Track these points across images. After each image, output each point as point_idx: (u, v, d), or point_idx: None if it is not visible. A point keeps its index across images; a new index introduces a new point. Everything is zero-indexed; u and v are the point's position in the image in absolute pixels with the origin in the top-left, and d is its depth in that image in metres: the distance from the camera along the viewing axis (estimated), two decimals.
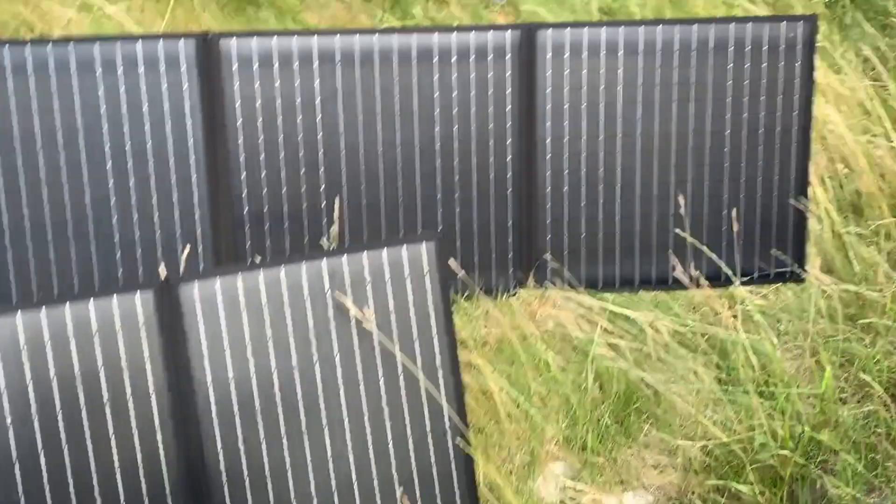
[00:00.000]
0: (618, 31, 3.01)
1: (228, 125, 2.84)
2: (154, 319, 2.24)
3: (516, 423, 2.71)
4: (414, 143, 2.97)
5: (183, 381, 2.26)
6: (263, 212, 2.90)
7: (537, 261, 3.13)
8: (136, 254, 2.85)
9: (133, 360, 2.23)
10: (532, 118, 3.04)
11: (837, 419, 2.68)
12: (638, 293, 3.16)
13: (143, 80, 2.77)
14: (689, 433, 2.73)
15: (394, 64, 2.91)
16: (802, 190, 3.22)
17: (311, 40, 2.84)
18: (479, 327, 2.98)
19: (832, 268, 3.27)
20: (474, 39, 2.94)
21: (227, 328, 2.29)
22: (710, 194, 3.16)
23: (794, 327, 3.04)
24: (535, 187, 3.08)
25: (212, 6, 4.18)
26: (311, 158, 2.91)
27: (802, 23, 3.09)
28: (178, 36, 2.78)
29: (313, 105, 2.89)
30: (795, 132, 3.16)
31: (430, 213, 3.03)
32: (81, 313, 2.18)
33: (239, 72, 2.82)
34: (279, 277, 2.33)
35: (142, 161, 2.81)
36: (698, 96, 3.09)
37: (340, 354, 2.38)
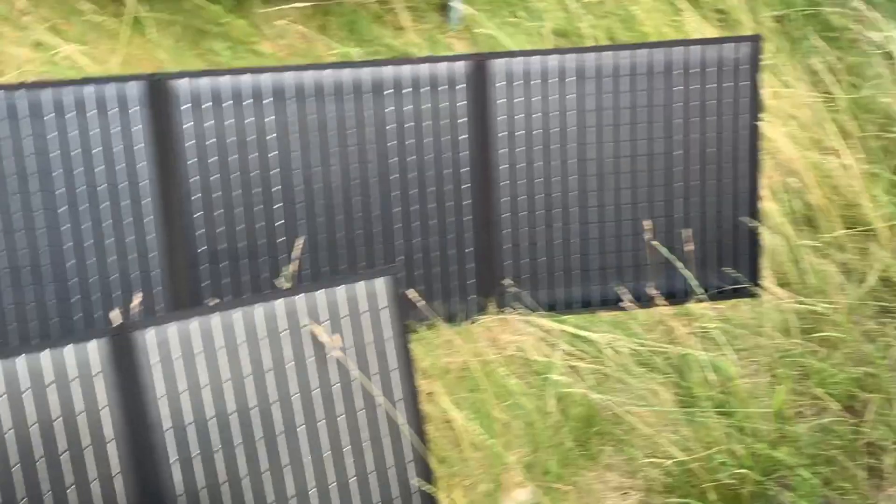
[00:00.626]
0: (567, 58, 3.05)
1: (181, 165, 2.84)
2: (109, 367, 2.24)
3: (479, 450, 2.73)
4: (370, 175, 2.99)
5: (141, 428, 2.26)
6: (220, 250, 2.91)
7: (497, 286, 3.15)
8: (93, 297, 2.84)
9: (89, 408, 2.22)
10: (487, 146, 3.07)
11: (795, 435, 2.72)
12: (597, 314, 3.19)
13: (94, 122, 2.77)
14: (650, 454, 2.76)
15: (347, 98, 2.93)
16: (754, 206, 3.27)
17: (262, 77, 2.85)
18: (440, 356, 3.00)
19: (787, 281, 3.33)
20: (427, 71, 2.97)
21: (183, 373, 2.29)
22: (664, 214, 3.20)
23: (751, 343, 3.08)
24: (492, 214, 3.11)
25: (166, 40, 4.17)
26: (267, 195, 2.92)
27: (747, 44, 3.15)
28: (127, 78, 2.78)
29: (267, 141, 2.90)
30: (745, 150, 3.22)
31: (390, 244, 3.05)
32: (35, 365, 2.18)
33: (190, 111, 2.82)
34: (234, 320, 2.33)
35: (95, 204, 2.80)
36: (648, 119, 3.14)
37: (299, 393, 2.39)
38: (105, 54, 4.10)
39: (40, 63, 3.91)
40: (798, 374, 2.98)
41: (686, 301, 3.21)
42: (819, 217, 3.51)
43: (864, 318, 3.19)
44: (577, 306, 3.19)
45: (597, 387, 2.93)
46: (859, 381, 2.91)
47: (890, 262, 3.34)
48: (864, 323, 3.16)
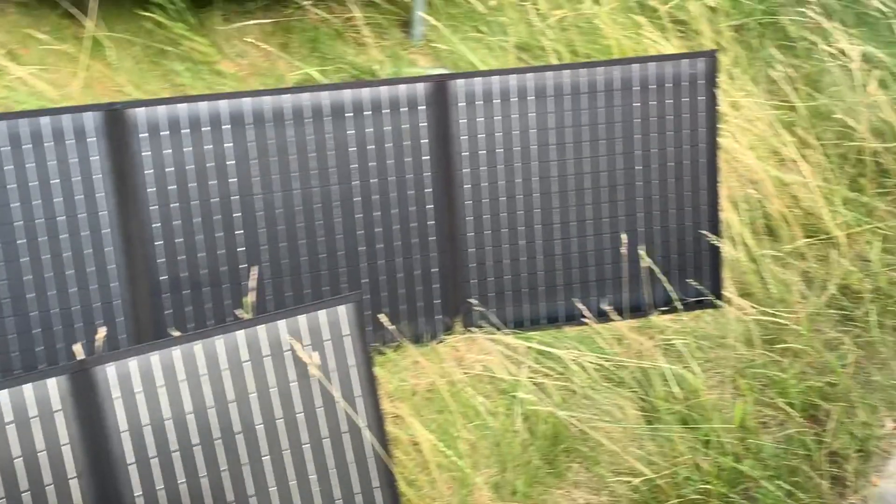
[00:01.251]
0: (526, 77, 3.07)
1: (140, 194, 2.83)
2: (70, 404, 2.22)
3: (447, 472, 2.73)
4: (332, 198, 2.99)
5: (104, 463, 2.24)
6: (182, 278, 2.89)
7: (463, 305, 3.16)
8: (55, 328, 2.82)
9: (51, 446, 2.20)
10: (449, 166, 3.08)
11: (758, 447, 2.75)
12: (563, 330, 3.21)
13: (52, 154, 2.74)
14: (616, 470, 2.78)
15: (307, 122, 2.92)
16: (715, 218, 3.31)
17: (219, 104, 2.84)
18: (407, 377, 3.00)
19: (749, 292, 3.37)
20: (387, 93, 2.97)
21: (145, 407, 2.28)
22: (626, 229, 3.23)
23: (714, 355, 3.12)
24: (456, 233, 3.12)
25: (126, 62, 4.14)
26: (228, 221, 2.90)
27: (703, 59, 3.18)
28: (84, 108, 2.76)
29: (226, 168, 2.89)
30: (704, 164, 3.26)
31: (354, 266, 3.05)
32: None
33: (148, 140, 2.81)
34: (196, 352, 2.32)
35: (55, 235, 2.77)
36: (608, 136, 3.16)
37: (263, 423, 2.38)
38: (64, 78, 4.06)
39: None
40: (761, 384, 3.01)
41: (649, 314, 3.25)
42: (779, 227, 3.56)
43: (825, 327, 3.23)
44: (542, 323, 3.21)
45: (563, 403, 2.95)
46: (821, 390, 2.96)
47: (849, 270, 3.39)
48: (824, 332, 3.21)
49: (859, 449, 2.80)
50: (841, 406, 2.90)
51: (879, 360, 3.11)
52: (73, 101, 3.91)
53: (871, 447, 2.82)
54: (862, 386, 3.01)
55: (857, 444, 2.81)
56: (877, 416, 2.93)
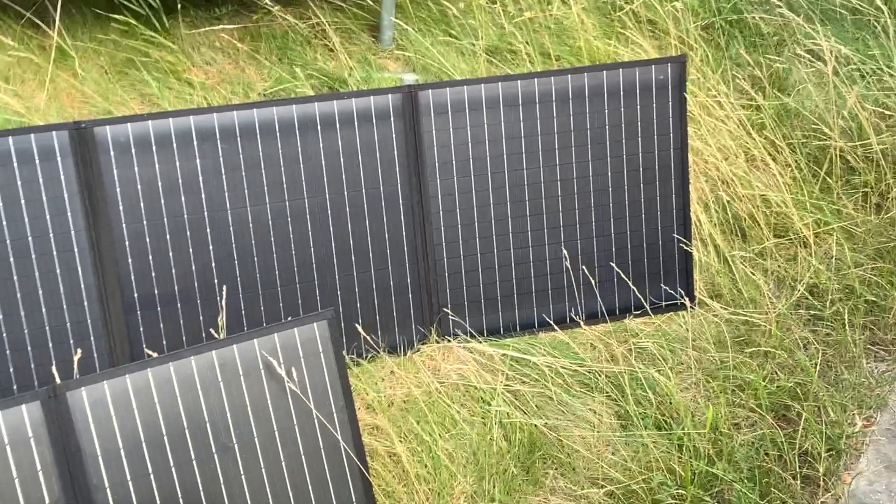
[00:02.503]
0: (497, 86, 3.07)
1: (111, 212, 2.81)
2: (43, 430, 2.21)
3: (425, 483, 2.75)
4: (305, 211, 2.99)
5: (80, 489, 2.23)
6: (154, 295, 2.88)
7: (438, 315, 3.17)
8: (27, 350, 2.79)
9: (25, 473, 2.19)
10: (421, 176, 3.08)
11: (731, 449, 2.79)
12: (537, 336, 3.23)
13: (18, 174, 2.72)
14: (592, 475, 2.81)
15: (276, 135, 2.92)
16: (685, 221, 3.34)
17: (188, 120, 2.83)
18: (384, 388, 3.01)
19: (720, 293, 3.41)
20: (356, 105, 2.97)
21: (120, 430, 2.27)
22: (597, 234, 3.26)
23: (686, 357, 3.15)
24: (430, 243, 3.13)
25: (92, 72, 4.10)
26: (199, 236, 2.89)
27: (671, 64, 3.21)
28: (50, 127, 2.73)
29: (196, 183, 2.87)
30: (673, 168, 3.28)
31: (328, 279, 3.05)
32: None
33: (116, 158, 2.78)
34: (169, 374, 2.32)
35: (24, 256, 2.75)
36: (578, 142, 3.18)
37: (238, 443, 2.38)
38: (30, 90, 4.02)
39: None
40: (733, 386, 3.05)
41: (622, 318, 3.27)
42: (749, 227, 3.60)
43: (795, 326, 3.28)
44: (517, 330, 3.23)
45: (539, 410, 2.97)
46: (791, 390, 3.00)
47: (818, 269, 3.43)
48: (794, 331, 3.25)
49: (830, 448, 2.85)
50: (811, 406, 2.94)
51: (849, 359, 3.16)
52: (39, 113, 3.87)
53: (841, 446, 2.86)
54: (832, 385, 3.05)
55: (828, 443, 2.85)
56: (847, 414, 2.98)
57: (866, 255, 3.50)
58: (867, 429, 2.94)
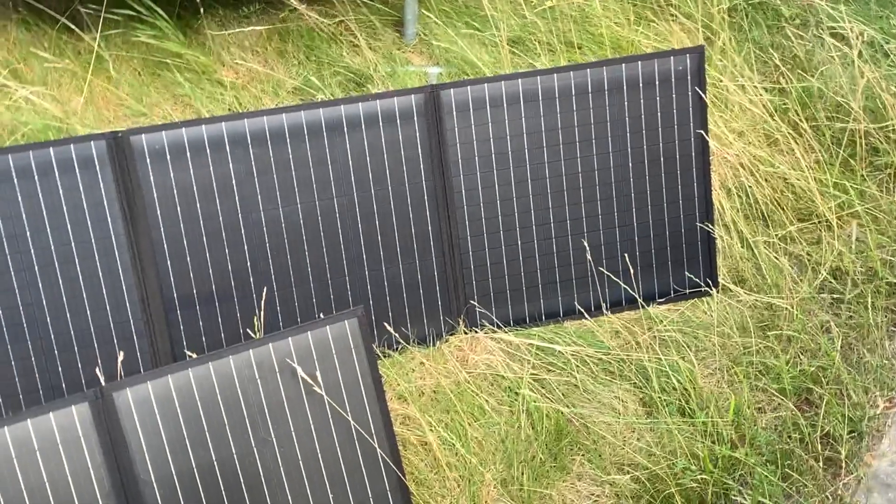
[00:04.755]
0: (517, 82, 3.14)
1: (149, 216, 2.93)
2: (92, 429, 2.34)
3: (455, 470, 2.85)
4: (334, 210, 3.09)
5: (129, 484, 2.37)
6: (193, 294, 3.00)
7: (465, 307, 3.26)
8: (74, 350, 2.94)
9: (77, 470, 2.33)
10: (445, 173, 3.17)
11: (754, 433, 2.86)
12: (562, 325, 3.31)
13: (60, 183, 2.85)
14: (618, 461, 2.89)
15: (305, 138, 3.01)
16: (707, 207, 3.39)
17: (220, 126, 2.93)
18: (414, 379, 3.12)
19: (743, 278, 3.45)
20: (381, 106, 3.05)
21: (164, 427, 2.40)
22: (620, 224, 3.32)
23: (710, 343, 3.21)
24: (455, 237, 3.21)
25: (126, 76, 4.22)
26: (234, 237, 3.01)
27: (690, 55, 3.24)
28: (88, 137, 2.86)
29: (230, 186, 2.98)
30: (694, 156, 3.33)
31: (358, 274, 3.15)
32: (21, 433, 2.28)
33: (152, 164, 2.90)
34: (209, 373, 2.44)
35: (68, 261, 2.89)
36: (599, 134, 3.24)
37: (276, 437, 2.50)
38: (67, 95, 4.16)
39: (3, 109, 3.96)
40: (756, 371, 3.11)
41: (646, 306, 3.34)
42: (772, 212, 3.63)
43: (818, 310, 3.32)
44: (542, 320, 3.31)
45: (565, 398, 3.05)
46: (814, 374, 3.05)
47: (841, 252, 3.46)
48: (817, 314, 3.29)
49: (852, 430, 2.90)
50: (833, 388, 2.99)
51: (871, 342, 3.20)
52: (77, 117, 4.00)
53: (863, 428, 2.91)
54: (854, 367, 3.10)
55: (850, 425, 2.90)
56: (869, 396, 3.02)
57: (889, 236, 3.52)
58: (889, 410, 2.99)
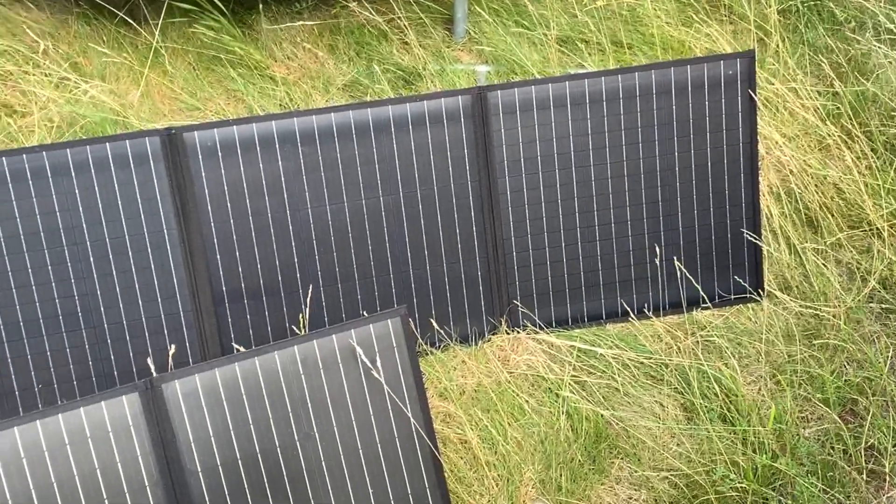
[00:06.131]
0: (564, 85, 3.14)
1: (200, 211, 3.00)
2: (142, 418, 2.42)
3: (494, 469, 2.88)
4: (380, 208, 3.13)
5: (175, 473, 2.44)
6: (241, 288, 3.07)
7: (507, 307, 3.28)
8: (127, 338, 3.02)
9: (127, 458, 2.41)
10: (491, 174, 3.19)
11: (796, 443, 2.83)
12: (604, 328, 3.31)
13: (115, 177, 2.93)
14: (657, 466, 2.89)
15: (353, 137, 3.06)
16: (755, 213, 3.36)
17: (270, 125, 2.99)
18: (455, 377, 3.15)
19: (790, 285, 3.42)
20: (428, 107, 3.08)
21: (210, 419, 2.47)
22: (666, 228, 3.30)
23: (754, 350, 3.19)
24: (499, 237, 3.23)
25: (181, 70, 4.31)
26: (282, 234, 3.07)
27: (741, 59, 3.21)
28: (143, 134, 2.93)
29: (279, 184, 3.04)
30: (743, 162, 3.30)
31: (402, 272, 3.19)
32: (74, 420, 2.36)
33: (204, 161, 2.97)
34: (254, 367, 2.50)
35: (122, 253, 2.97)
36: (646, 138, 3.23)
37: (319, 432, 2.55)
38: (125, 88, 4.26)
39: (63, 102, 4.08)
40: (800, 380, 3.08)
41: (691, 310, 3.32)
42: (821, 218, 3.58)
43: (866, 320, 3.27)
44: (585, 322, 3.32)
45: (605, 401, 3.06)
46: (859, 385, 3.01)
47: (892, 261, 3.41)
48: (865, 325, 3.25)
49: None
50: (879, 400, 2.95)
51: None
52: (133, 110, 4.10)
53: None
54: None
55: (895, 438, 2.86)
56: None
57: None
58: None
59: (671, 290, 3.33)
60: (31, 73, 4.21)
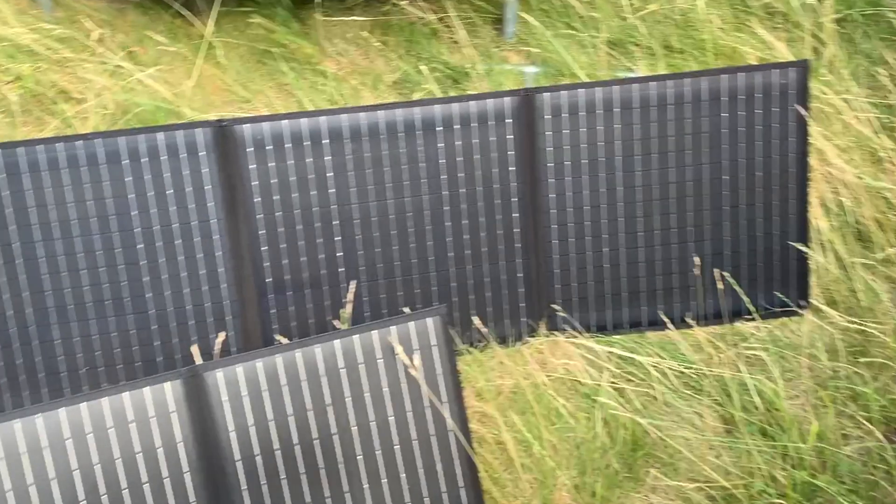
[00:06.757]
0: (612, 89, 3.12)
1: (247, 203, 3.04)
2: (184, 405, 2.46)
3: (529, 472, 2.88)
4: (423, 207, 3.14)
5: (214, 459, 2.48)
6: (285, 280, 3.10)
7: (547, 310, 3.28)
8: (170, 325, 3.08)
9: (167, 443, 2.45)
10: (535, 177, 3.18)
11: (837, 460, 2.79)
12: (645, 335, 3.29)
13: (166, 167, 2.98)
14: (693, 477, 2.87)
15: (399, 136, 3.07)
16: (803, 226, 3.31)
17: (319, 120, 3.02)
18: (493, 377, 3.15)
19: (837, 300, 3.36)
20: (475, 108, 3.09)
21: (251, 409, 2.50)
22: (711, 237, 3.27)
23: (797, 365, 3.14)
24: (541, 241, 3.23)
25: (234, 62, 4.37)
26: (327, 228, 3.09)
27: (794, 69, 3.17)
28: (195, 125, 2.98)
29: (325, 179, 3.07)
30: (793, 173, 3.25)
31: (443, 271, 3.20)
32: (118, 404, 2.41)
33: (254, 154, 3.01)
34: (296, 359, 2.53)
35: (170, 241, 3.02)
36: (695, 146, 3.20)
37: (358, 426, 2.58)
38: (178, 78, 4.32)
39: (118, 90, 4.15)
40: (844, 397, 3.03)
41: (733, 322, 3.29)
42: (872, 233, 3.52)
43: None
44: (625, 328, 3.30)
45: (643, 410, 3.04)
46: None
47: None
48: None
49: None
50: None
51: None
52: (185, 100, 4.17)
53: None
54: None
55: None
56: None
57: None
58: None
59: (714, 300, 3.30)
60: (87, 61, 4.29)
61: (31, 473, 2.31)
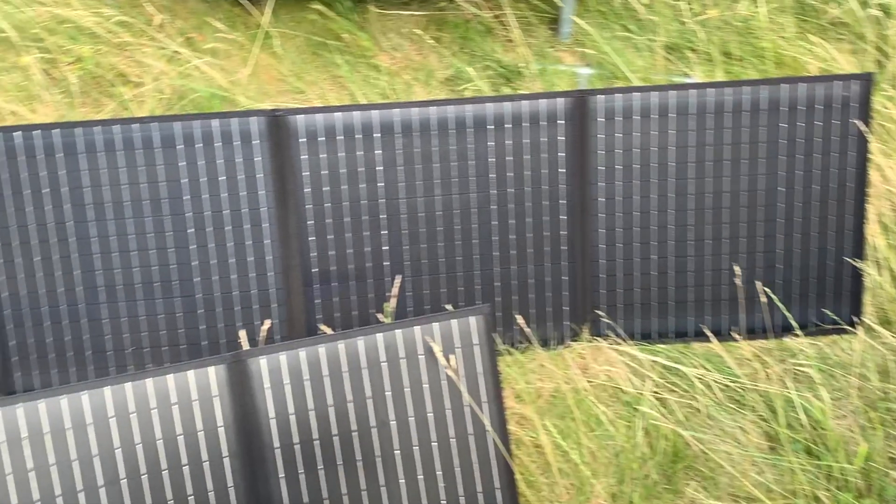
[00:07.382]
0: (668, 94, 3.08)
1: (297, 193, 3.06)
2: (227, 390, 2.48)
3: (566, 477, 2.85)
4: (471, 205, 3.13)
5: (253, 446, 2.50)
6: (331, 271, 3.11)
7: (591, 314, 3.25)
8: (217, 310, 3.11)
9: (208, 427, 2.47)
10: (585, 179, 3.15)
11: (883, 484, 2.72)
12: (690, 346, 3.24)
13: (220, 153, 3.01)
14: (734, 493, 2.82)
15: (450, 132, 3.06)
16: (859, 242, 3.23)
17: (371, 114, 3.02)
18: (533, 380, 3.13)
19: (891, 319, 3.28)
20: (527, 107, 3.07)
21: (292, 397, 2.51)
22: (763, 249, 3.21)
23: (846, 384, 3.07)
24: (588, 244, 3.20)
25: (290, 53, 4.40)
26: (374, 222, 3.10)
27: (856, 81, 3.09)
28: (249, 113, 3.00)
29: (375, 173, 3.07)
30: (851, 188, 3.18)
31: (488, 270, 3.19)
32: (161, 386, 2.44)
33: (306, 144, 3.02)
34: (339, 351, 2.53)
35: (220, 227, 3.05)
36: (751, 155, 3.14)
37: (396, 420, 2.57)
38: (234, 66, 4.37)
39: (175, 75, 4.21)
40: (893, 419, 2.95)
41: (782, 336, 3.22)
42: None
43: None
44: (670, 337, 3.25)
45: (685, 421, 3.00)
46: None
47: None
48: None
49: None
50: None
51: None
52: (240, 88, 4.21)
53: None
54: None
55: None
56: None
57: None
58: None
59: (762, 313, 3.24)
60: (146, 45, 4.35)
61: (75, 450, 2.35)
